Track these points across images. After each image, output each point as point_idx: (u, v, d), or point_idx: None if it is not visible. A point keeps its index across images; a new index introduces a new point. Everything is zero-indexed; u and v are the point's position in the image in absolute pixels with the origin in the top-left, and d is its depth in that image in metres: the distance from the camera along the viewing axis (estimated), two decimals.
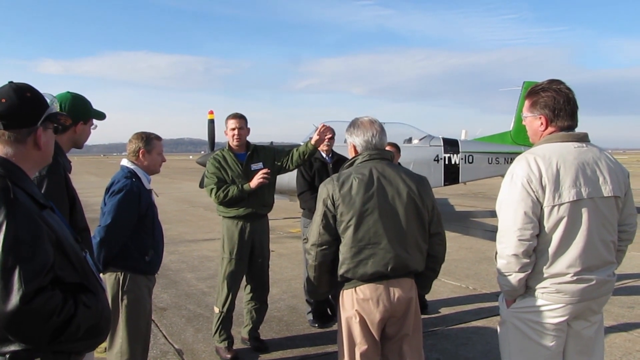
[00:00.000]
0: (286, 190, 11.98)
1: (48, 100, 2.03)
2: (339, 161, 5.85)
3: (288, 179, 7.25)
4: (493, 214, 14.76)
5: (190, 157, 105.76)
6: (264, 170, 4.89)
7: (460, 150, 14.77)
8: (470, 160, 14.82)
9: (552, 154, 2.68)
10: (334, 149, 5.89)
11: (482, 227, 12.94)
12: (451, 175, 14.71)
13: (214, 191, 4.88)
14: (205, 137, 13.31)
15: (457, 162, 14.69)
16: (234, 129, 5.02)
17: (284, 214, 15.06)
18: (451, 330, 5.70)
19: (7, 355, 1.73)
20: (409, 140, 14.77)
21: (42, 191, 2.61)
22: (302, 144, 4.76)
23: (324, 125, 5.02)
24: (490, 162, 15.00)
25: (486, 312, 6.28)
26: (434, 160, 14.43)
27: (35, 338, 1.74)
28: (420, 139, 14.77)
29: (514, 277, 2.74)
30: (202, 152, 27.12)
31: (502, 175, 14.57)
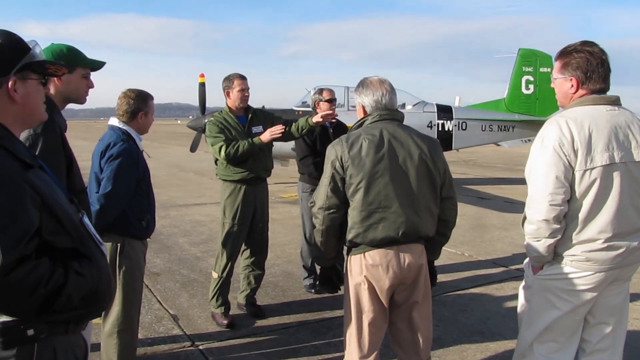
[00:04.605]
0: (277, 155, 11.84)
1: (31, 47, 1.79)
2: (338, 126, 5.74)
3: (280, 143, 7.13)
4: (484, 181, 14.76)
5: (179, 121, 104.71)
6: (279, 127, 4.74)
7: (453, 117, 14.61)
8: (464, 127, 14.67)
9: (584, 117, 2.60)
10: None
11: (475, 194, 12.91)
12: (444, 142, 14.56)
13: (223, 148, 4.67)
14: (193, 102, 13.06)
15: (451, 129, 14.54)
16: (242, 90, 4.85)
17: (275, 179, 14.91)
18: (448, 297, 5.67)
19: None
20: (402, 105, 14.56)
21: (37, 150, 2.45)
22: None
23: (329, 113, 4.97)
24: (483, 129, 14.84)
25: (483, 280, 6.27)
26: (427, 126, 14.26)
27: (22, 311, 1.60)
28: (414, 105, 14.60)
29: (543, 243, 2.68)
30: (190, 117, 26.81)
31: (496, 143, 14.42)
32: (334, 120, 5.37)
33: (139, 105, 3.63)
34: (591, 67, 2.65)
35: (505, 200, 12.09)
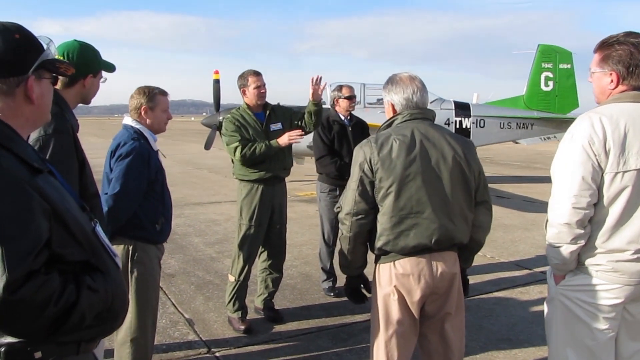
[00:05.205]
0: (293, 152, 11.67)
1: (44, 45, 1.66)
2: (357, 124, 5.59)
3: None
4: (501, 179, 14.50)
5: (192, 118, 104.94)
6: (299, 131, 4.62)
7: (471, 114, 14.38)
8: (482, 125, 14.43)
9: (620, 115, 2.36)
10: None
11: (493, 192, 12.63)
12: None
13: (239, 149, 4.52)
14: (207, 98, 12.97)
15: (468, 127, 14.31)
16: (259, 87, 4.70)
17: (291, 177, 14.72)
18: (472, 301, 5.46)
19: (2, 349, 1.44)
20: None
21: (49, 153, 2.31)
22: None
23: (316, 88, 4.73)
24: (502, 126, 14.59)
25: (507, 283, 6.06)
26: (445, 123, 14.03)
27: (30, 332, 1.44)
28: (431, 102, 14.35)
29: (565, 249, 2.45)
30: (205, 114, 26.69)
31: (514, 141, 14.14)
32: (320, 93, 4.82)
33: (140, 99, 3.50)
34: (634, 61, 2.41)
35: (525, 199, 11.84)
